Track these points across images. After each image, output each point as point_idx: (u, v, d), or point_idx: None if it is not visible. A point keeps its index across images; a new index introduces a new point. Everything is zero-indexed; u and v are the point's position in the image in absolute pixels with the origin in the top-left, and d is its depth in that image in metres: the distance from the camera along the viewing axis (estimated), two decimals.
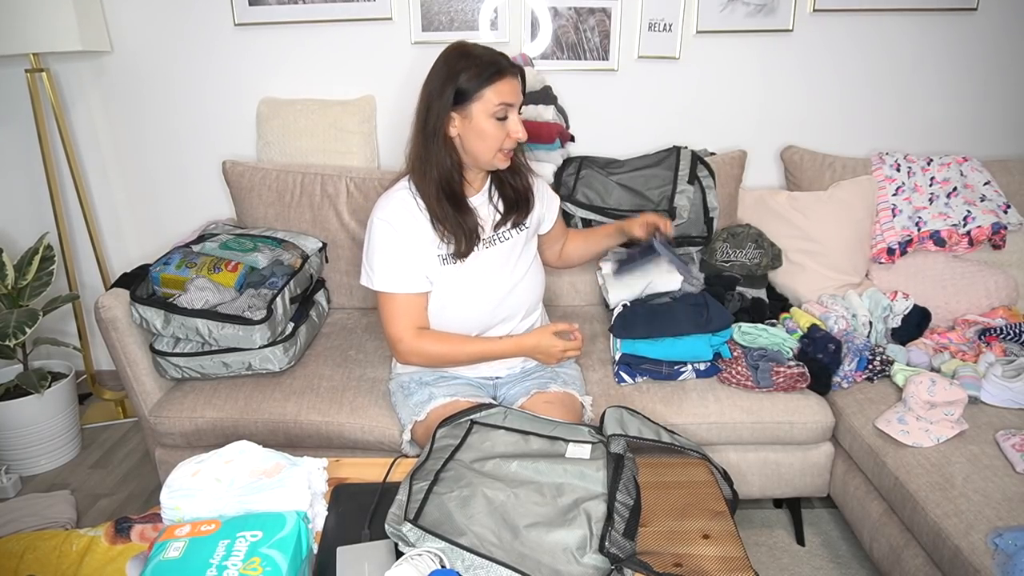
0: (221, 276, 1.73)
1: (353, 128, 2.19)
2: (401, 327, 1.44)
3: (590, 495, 1.03)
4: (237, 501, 0.98)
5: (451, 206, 1.40)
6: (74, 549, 1.05)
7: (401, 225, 1.41)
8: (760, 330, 1.76)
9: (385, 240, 1.41)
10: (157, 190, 2.39)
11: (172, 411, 1.68)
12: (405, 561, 0.88)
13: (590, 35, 2.16)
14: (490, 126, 1.34)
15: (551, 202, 1.67)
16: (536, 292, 1.60)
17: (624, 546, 0.92)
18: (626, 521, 0.97)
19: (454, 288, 1.46)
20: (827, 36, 2.17)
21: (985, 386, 1.60)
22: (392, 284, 1.42)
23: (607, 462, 1.08)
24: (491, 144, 1.37)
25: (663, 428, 1.17)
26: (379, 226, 1.42)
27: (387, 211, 1.42)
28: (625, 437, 1.11)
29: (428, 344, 1.44)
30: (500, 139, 1.36)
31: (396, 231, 1.41)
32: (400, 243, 1.41)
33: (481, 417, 1.23)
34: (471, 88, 1.32)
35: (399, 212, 1.42)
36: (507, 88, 1.33)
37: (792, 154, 2.22)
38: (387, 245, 1.41)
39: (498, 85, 1.32)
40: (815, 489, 1.77)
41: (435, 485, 1.06)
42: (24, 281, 2.14)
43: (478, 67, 1.31)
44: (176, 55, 2.22)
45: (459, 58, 1.34)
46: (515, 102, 1.35)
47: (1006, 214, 2.03)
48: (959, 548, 1.25)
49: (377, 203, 1.46)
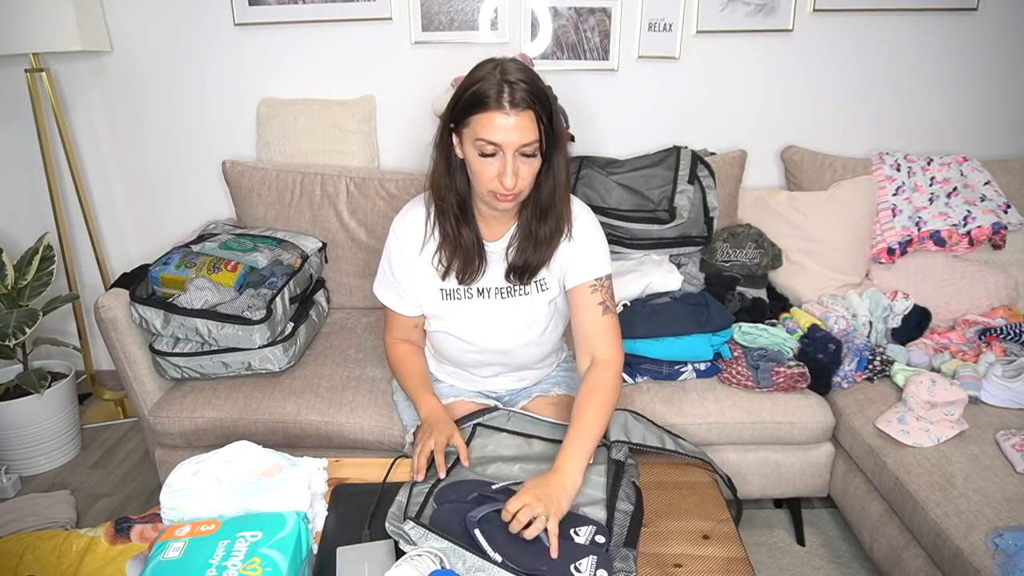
0: (221, 276, 1.73)
1: (353, 128, 2.19)
2: (388, 332, 1.48)
3: (590, 500, 1.03)
4: (237, 501, 0.98)
5: (454, 221, 1.27)
6: (74, 549, 1.05)
7: (407, 245, 1.34)
8: (760, 330, 1.76)
9: (391, 256, 1.37)
10: (157, 190, 2.39)
11: (172, 411, 1.68)
12: (405, 561, 0.88)
13: (590, 35, 2.16)
14: (473, 158, 1.15)
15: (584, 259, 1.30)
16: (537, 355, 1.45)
17: (625, 556, 0.92)
18: (626, 529, 0.96)
19: (453, 324, 1.39)
20: (827, 36, 2.17)
21: (985, 386, 1.60)
22: (385, 298, 1.43)
23: (608, 468, 1.07)
24: (482, 182, 1.17)
25: (667, 433, 1.17)
26: (391, 239, 1.37)
27: (401, 226, 1.35)
28: (628, 444, 1.10)
29: (393, 361, 1.46)
30: (487, 180, 1.15)
31: (401, 250, 1.34)
32: (401, 263, 1.35)
33: (485, 420, 1.23)
34: (460, 111, 1.16)
35: (410, 232, 1.33)
36: (498, 126, 1.10)
37: (792, 154, 2.22)
38: (391, 261, 1.38)
39: (481, 117, 1.11)
40: (815, 489, 1.77)
41: (436, 487, 1.06)
42: (24, 281, 2.14)
43: (474, 89, 1.13)
44: (176, 55, 2.22)
45: (473, 72, 1.18)
46: (501, 142, 1.11)
47: (1006, 214, 2.03)
48: (959, 548, 1.25)
49: (399, 213, 1.38)
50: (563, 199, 1.27)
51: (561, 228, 1.29)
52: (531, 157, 1.16)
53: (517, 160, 1.14)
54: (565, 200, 1.27)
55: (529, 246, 1.29)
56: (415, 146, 2.29)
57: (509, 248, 1.31)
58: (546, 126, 1.15)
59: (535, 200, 1.26)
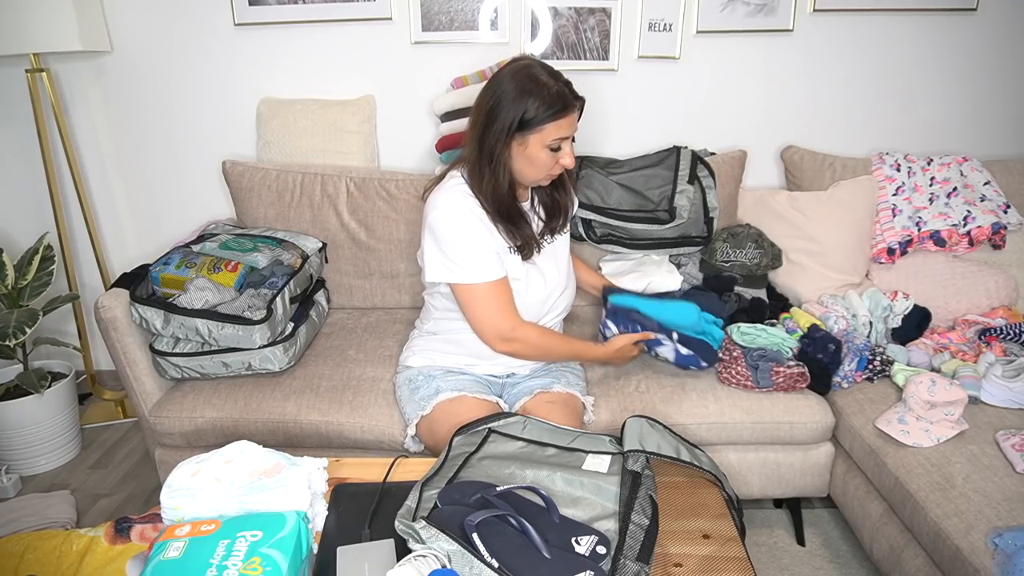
0: (221, 276, 1.73)
1: (353, 128, 2.19)
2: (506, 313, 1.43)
3: (605, 513, 1.01)
4: (237, 501, 0.98)
5: (507, 218, 1.44)
6: (74, 549, 1.05)
7: (469, 215, 1.40)
8: (759, 330, 1.76)
9: (461, 231, 1.39)
10: (157, 190, 2.39)
11: (172, 411, 1.68)
12: (407, 561, 0.88)
13: (590, 35, 2.16)
14: (544, 155, 1.37)
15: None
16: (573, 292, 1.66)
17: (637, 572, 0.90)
18: (640, 543, 0.95)
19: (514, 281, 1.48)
20: (827, 36, 2.17)
21: (985, 386, 1.60)
22: (484, 274, 1.40)
23: (623, 479, 1.06)
24: (539, 170, 1.40)
25: (684, 443, 1.16)
26: (449, 220, 1.38)
27: (451, 205, 1.40)
28: (644, 453, 1.09)
29: (533, 334, 1.46)
30: (550, 167, 1.39)
31: (466, 222, 1.40)
32: (476, 232, 1.40)
33: (499, 426, 1.21)
34: (534, 120, 1.33)
35: (462, 204, 1.40)
36: (567, 123, 1.35)
37: (792, 154, 2.22)
38: (465, 236, 1.39)
39: (560, 121, 1.34)
40: (815, 489, 1.77)
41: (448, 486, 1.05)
42: (24, 281, 2.14)
43: (545, 100, 1.31)
44: (176, 55, 2.22)
45: (529, 82, 1.32)
46: (571, 134, 1.37)
47: (1006, 214, 2.03)
48: (959, 548, 1.25)
49: (433, 201, 1.42)
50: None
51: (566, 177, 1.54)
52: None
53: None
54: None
55: (552, 205, 1.55)
56: (415, 146, 2.30)
57: (535, 205, 1.55)
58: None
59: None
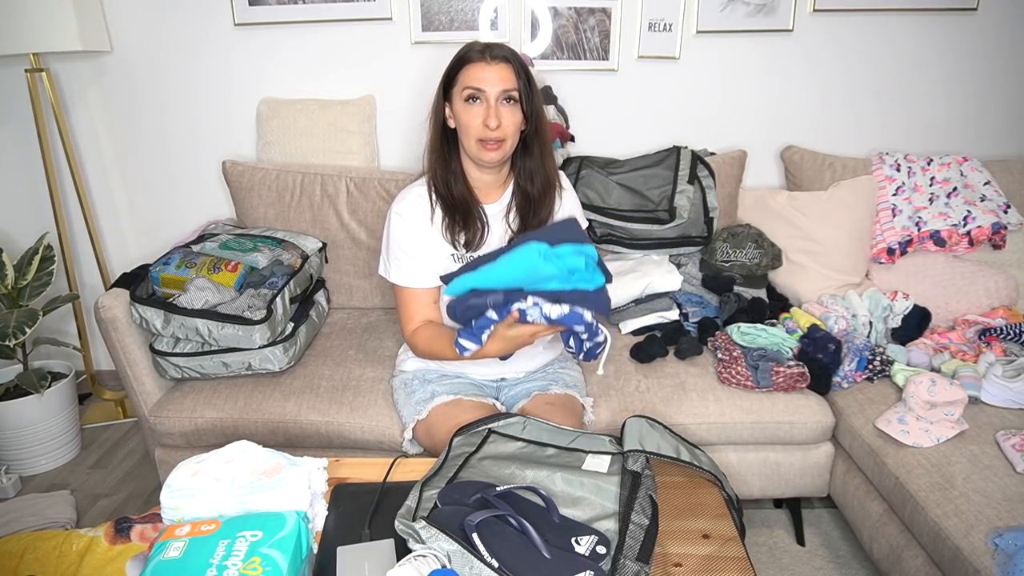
0: (221, 276, 1.73)
1: (353, 128, 2.19)
2: (406, 318, 1.49)
3: (605, 513, 1.02)
4: (237, 501, 0.98)
5: (456, 207, 1.43)
6: (74, 549, 1.04)
7: (413, 220, 1.45)
8: (759, 330, 1.76)
9: (397, 233, 1.46)
10: (157, 190, 2.39)
11: (172, 411, 1.68)
12: (407, 561, 0.88)
13: (590, 35, 2.16)
14: (462, 110, 1.36)
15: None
16: None
17: (637, 572, 0.90)
18: (640, 543, 0.95)
19: None
20: (827, 36, 2.17)
21: (985, 386, 1.60)
22: (399, 277, 1.47)
23: (623, 479, 1.06)
24: (470, 133, 1.36)
25: (684, 443, 1.16)
26: (394, 220, 1.46)
27: (402, 205, 1.46)
28: (644, 453, 1.09)
29: (422, 340, 1.47)
30: (474, 126, 1.35)
31: (407, 225, 1.45)
32: (411, 238, 1.45)
33: (499, 426, 1.21)
34: (449, 74, 1.38)
35: (413, 207, 1.46)
36: (475, 73, 1.34)
37: (792, 154, 2.22)
38: (399, 238, 1.46)
39: (467, 69, 1.35)
40: (815, 489, 1.77)
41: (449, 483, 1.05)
42: (24, 281, 2.14)
43: (460, 54, 1.38)
44: (176, 55, 2.22)
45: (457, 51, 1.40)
46: (484, 88, 1.33)
47: (1006, 214, 2.03)
48: (959, 548, 1.25)
49: (396, 197, 1.50)
50: (548, 156, 1.45)
51: (552, 183, 1.47)
52: (512, 104, 1.35)
53: (500, 105, 1.34)
54: (549, 156, 1.46)
55: (528, 207, 1.46)
56: (415, 146, 2.29)
57: (509, 212, 1.47)
58: (524, 83, 1.35)
59: (522, 161, 1.45)
